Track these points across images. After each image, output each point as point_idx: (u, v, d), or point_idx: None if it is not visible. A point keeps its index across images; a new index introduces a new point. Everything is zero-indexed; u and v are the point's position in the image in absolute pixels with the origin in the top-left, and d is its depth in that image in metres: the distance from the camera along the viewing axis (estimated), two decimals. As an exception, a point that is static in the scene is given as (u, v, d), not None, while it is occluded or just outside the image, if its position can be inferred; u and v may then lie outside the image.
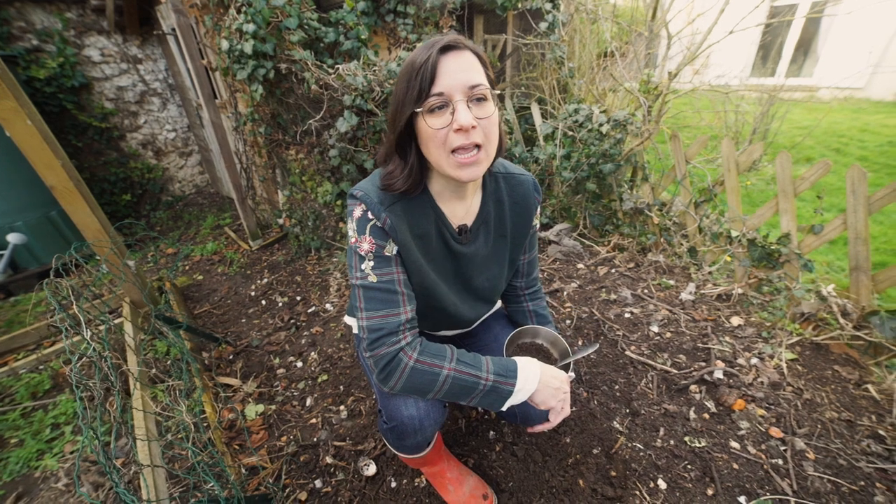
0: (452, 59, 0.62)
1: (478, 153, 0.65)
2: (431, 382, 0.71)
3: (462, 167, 0.65)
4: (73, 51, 3.28)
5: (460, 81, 0.62)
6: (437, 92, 0.62)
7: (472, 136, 0.63)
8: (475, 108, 0.64)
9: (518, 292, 1.06)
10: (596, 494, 1.13)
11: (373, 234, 0.73)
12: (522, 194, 0.86)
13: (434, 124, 0.64)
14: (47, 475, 1.39)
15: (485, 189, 0.83)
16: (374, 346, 0.72)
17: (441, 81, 0.62)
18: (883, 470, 1.13)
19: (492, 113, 0.65)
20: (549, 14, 2.84)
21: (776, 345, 1.57)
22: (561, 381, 0.79)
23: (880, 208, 1.45)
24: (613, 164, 2.20)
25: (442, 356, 0.73)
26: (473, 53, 0.65)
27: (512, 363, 0.76)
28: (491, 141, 0.67)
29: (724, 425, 1.30)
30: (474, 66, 0.64)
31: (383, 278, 0.73)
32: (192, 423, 1.28)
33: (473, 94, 0.63)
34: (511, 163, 0.90)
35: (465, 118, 0.61)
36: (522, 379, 0.75)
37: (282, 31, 2.13)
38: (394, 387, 0.72)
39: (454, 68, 0.62)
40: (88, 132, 3.48)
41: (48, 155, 1.52)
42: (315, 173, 2.47)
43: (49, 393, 1.75)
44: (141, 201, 3.96)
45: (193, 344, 1.84)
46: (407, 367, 0.71)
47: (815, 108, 5.35)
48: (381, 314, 0.72)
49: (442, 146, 0.65)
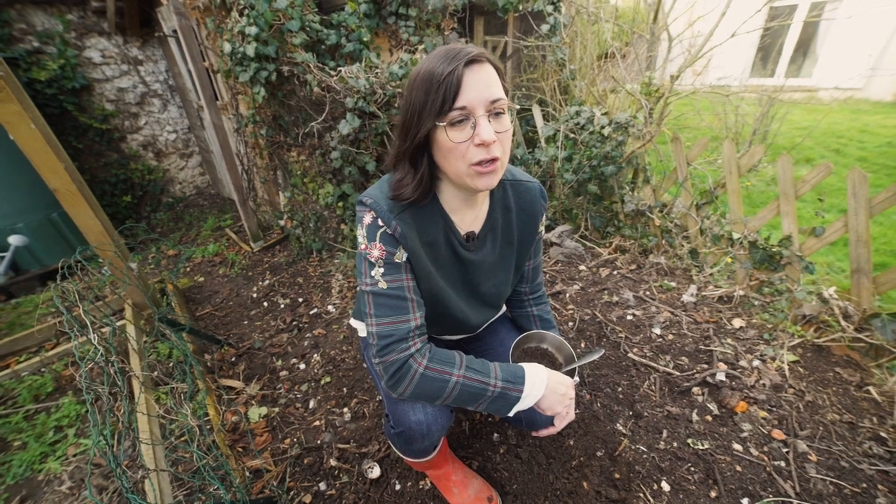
0: (476, 72, 0.62)
1: (495, 164, 0.66)
2: (441, 389, 0.72)
3: (480, 177, 0.66)
4: (73, 52, 3.28)
5: (483, 96, 0.62)
6: (461, 106, 0.62)
7: (492, 151, 0.64)
8: (494, 122, 0.64)
9: (522, 297, 1.06)
10: (600, 497, 1.13)
11: (383, 241, 0.73)
12: (529, 201, 0.87)
13: (456, 138, 0.64)
14: (50, 478, 1.39)
15: (492, 196, 0.83)
16: (383, 352, 0.72)
17: (465, 95, 0.62)
18: (885, 472, 1.14)
19: (509, 127, 0.66)
20: (550, 16, 2.85)
21: (778, 347, 1.58)
22: (567, 387, 0.80)
23: (881, 211, 1.46)
24: (615, 166, 2.21)
25: (451, 363, 0.73)
26: (493, 66, 0.65)
27: (519, 369, 0.77)
28: (507, 152, 0.68)
29: (726, 427, 1.30)
30: (494, 80, 0.64)
31: (393, 285, 0.74)
32: (196, 426, 1.28)
33: (494, 108, 0.63)
34: (516, 168, 0.90)
35: (488, 133, 0.62)
36: (530, 385, 0.75)
37: (284, 33, 2.14)
38: (403, 393, 0.72)
39: (477, 82, 0.62)
40: (89, 133, 3.48)
41: (51, 158, 1.52)
42: (317, 175, 2.47)
43: (52, 395, 1.75)
44: (141, 203, 3.96)
45: (196, 346, 1.84)
46: (417, 373, 0.71)
47: (814, 109, 5.36)
48: (391, 320, 0.73)
49: (462, 159, 0.65)
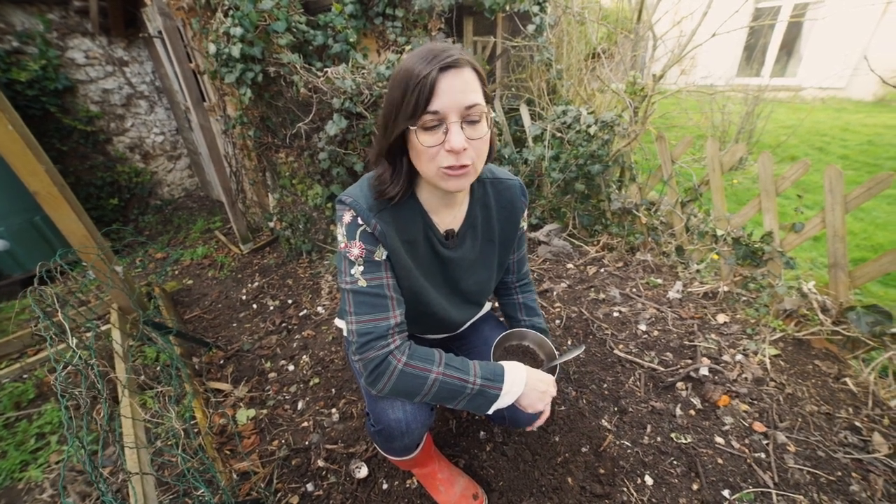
0: (452, 77, 0.61)
1: (467, 168, 0.65)
2: (419, 386, 0.72)
3: (449, 179, 0.66)
4: (55, 53, 3.22)
5: (457, 102, 0.61)
6: (433, 110, 0.61)
7: (462, 158, 0.64)
8: (468, 128, 0.63)
9: (510, 286, 1.09)
10: (584, 492, 1.15)
11: (363, 240, 0.73)
12: (509, 199, 0.87)
13: (426, 142, 0.63)
14: (32, 486, 1.37)
15: (472, 194, 0.84)
16: (362, 349, 0.72)
17: (438, 100, 0.61)
18: (859, 460, 1.17)
19: (484, 133, 0.65)
20: (536, 17, 2.87)
21: (760, 341, 1.61)
22: (547, 384, 0.81)
23: (856, 206, 1.49)
24: (601, 165, 2.23)
25: (430, 360, 0.74)
26: (472, 70, 0.64)
27: (499, 367, 0.78)
28: (481, 158, 0.67)
29: (709, 421, 1.33)
30: (472, 85, 0.63)
31: (373, 283, 0.74)
32: (181, 429, 1.27)
33: (469, 114, 0.62)
34: (498, 167, 0.91)
35: (458, 141, 0.61)
36: (509, 382, 0.76)
37: (270, 34, 2.12)
38: (382, 389, 0.73)
39: (452, 87, 0.61)
40: (73, 136, 3.42)
41: (31, 160, 1.50)
42: (305, 176, 2.46)
43: (34, 402, 1.72)
44: (129, 205, 3.91)
45: (183, 349, 1.82)
46: (396, 370, 0.71)
47: (798, 108, 5.47)
48: (370, 318, 0.73)
49: (432, 161, 0.65)
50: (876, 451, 1.18)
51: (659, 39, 2.48)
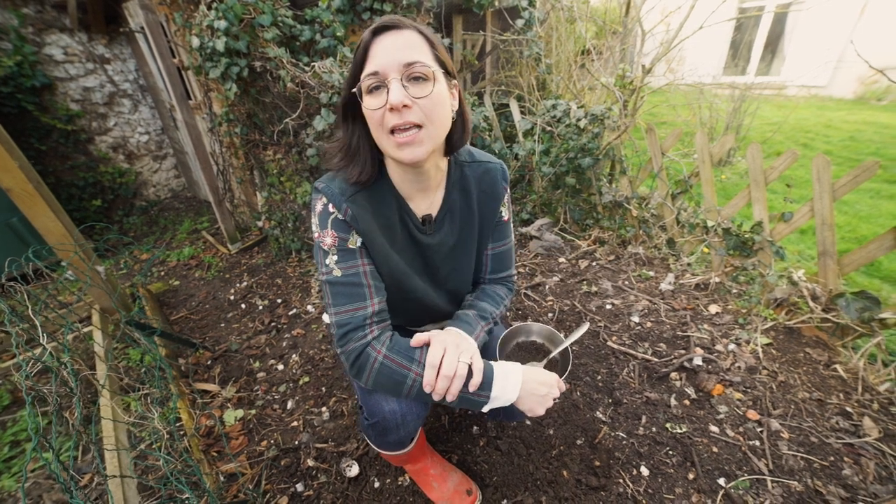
0: (389, 38, 0.61)
1: (417, 132, 0.62)
2: (399, 384, 0.70)
3: (400, 147, 0.63)
4: (31, 49, 3.12)
5: (395, 59, 0.60)
6: (372, 72, 0.61)
7: (405, 116, 0.61)
8: (412, 86, 0.61)
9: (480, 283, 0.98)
10: (580, 485, 1.13)
11: (335, 228, 0.72)
12: (490, 182, 0.84)
13: (370, 105, 0.63)
14: (5, 497, 1.31)
15: (449, 178, 0.81)
16: (342, 341, 0.71)
17: (374, 61, 0.61)
18: (850, 445, 1.17)
19: (431, 92, 0.62)
20: (525, 11, 2.87)
21: (752, 330, 1.62)
22: (549, 387, 0.76)
23: (843, 194, 1.51)
24: (592, 158, 2.23)
25: (411, 358, 0.71)
26: (417, 32, 0.63)
27: (489, 372, 0.72)
28: (433, 121, 0.63)
29: (703, 410, 1.32)
30: (414, 45, 0.61)
31: (348, 272, 0.72)
32: (165, 430, 1.22)
33: (410, 72, 0.60)
34: (479, 150, 0.88)
35: (395, 97, 0.59)
36: (499, 388, 0.71)
37: (255, 28, 2.08)
38: (366, 382, 0.71)
39: (391, 46, 0.60)
40: (53, 135, 3.32)
41: (3, 156, 1.44)
42: (293, 174, 2.42)
43: (8, 409, 1.65)
44: (113, 207, 3.81)
45: (169, 350, 1.77)
46: (376, 361, 0.69)
47: (783, 105, 5.56)
48: (347, 308, 0.71)
49: (380, 127, 0.63)
50: (867, 434, 1.19)
51: (648, 33, 2.49)
